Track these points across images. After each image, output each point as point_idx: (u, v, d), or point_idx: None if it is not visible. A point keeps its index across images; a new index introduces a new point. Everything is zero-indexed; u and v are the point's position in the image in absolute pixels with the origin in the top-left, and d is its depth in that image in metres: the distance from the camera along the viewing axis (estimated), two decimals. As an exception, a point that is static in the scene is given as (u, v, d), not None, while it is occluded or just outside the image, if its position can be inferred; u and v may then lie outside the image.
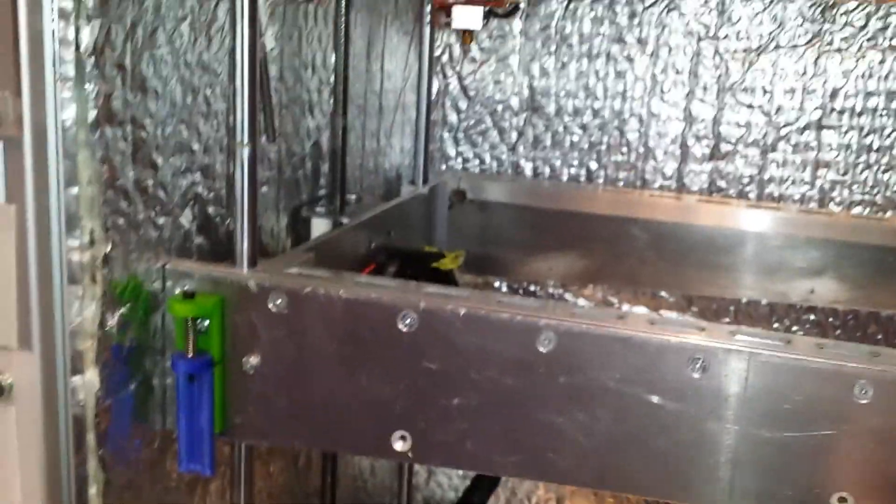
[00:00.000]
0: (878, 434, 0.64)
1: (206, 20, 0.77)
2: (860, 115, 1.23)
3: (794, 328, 1.32)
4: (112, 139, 0.68)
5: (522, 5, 1.29)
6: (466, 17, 0.87)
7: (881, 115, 1.22)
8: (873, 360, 0.64)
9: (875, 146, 1.23)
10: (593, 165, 1.34)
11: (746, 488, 0.68)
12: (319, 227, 0.97)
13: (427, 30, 1.16)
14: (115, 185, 0.69)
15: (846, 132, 1.24)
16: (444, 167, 1.38)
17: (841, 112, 1.23)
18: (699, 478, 0.68)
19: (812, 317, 1.31)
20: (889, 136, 1.22)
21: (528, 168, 1.37)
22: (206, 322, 0.74)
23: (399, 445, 0.74)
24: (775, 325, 1.33)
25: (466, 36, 1.05)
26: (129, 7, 0.68)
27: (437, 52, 1.34)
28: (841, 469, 0.65)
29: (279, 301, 0.74)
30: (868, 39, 1.21)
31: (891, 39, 1.20)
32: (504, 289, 1.42)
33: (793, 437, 0.66)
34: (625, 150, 1.32)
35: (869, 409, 0.63)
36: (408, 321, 0.71)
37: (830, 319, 1.31)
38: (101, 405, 0.71)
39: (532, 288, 1.41)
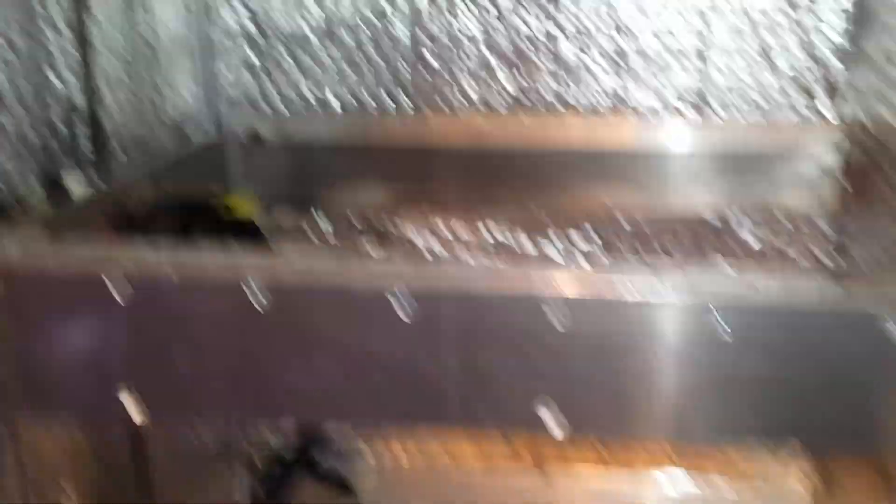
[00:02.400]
0: (568, 342, 0.65)
1: None
2: (648, 16, 1.22)
3: (606, 236, 1.34)
4: None
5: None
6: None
7: (670, 15, 1.22)
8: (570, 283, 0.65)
9: (667, 47, 1.23)
10: (397, 92, 1.31)
11: (464, 401, 0.69)
12: (77, 192, 0.94)
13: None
14: None
15: (637, 35, 1.23)
16: (245, 106, 1.34)
17: (630, 15, 1.23)
18: (420, 409, 0.70)
19: (623, 223, 1.33)
20: (677, 35, 1.22)
21: (332, 100, 1.33)
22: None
23: (131, 408, 0.73)
24: (591, 236, 1.34)
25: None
26: None
27: (224, -12, 1.29)
28: (540, 377, 0.67)
29: (-7, 283, 0.71)
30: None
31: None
32: (323, 223, 1.40)
33: (492, 354, 0.67)
34: (426, 73, 1.30)
35: (559, 330, 0.65)
36: (123, 288, 0.70)
37: (642, 226, 1.33)
38: None
39: (352, 219, 1.40)
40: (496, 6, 1.25)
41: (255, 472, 1.40)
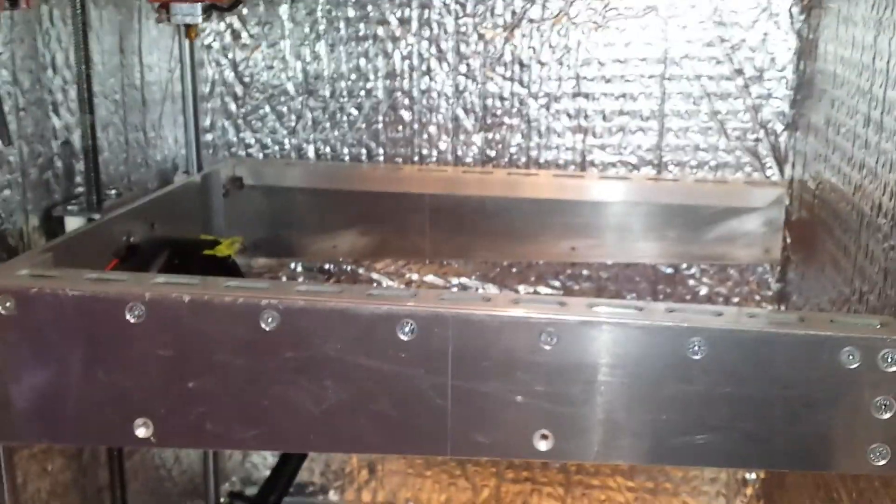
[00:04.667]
0: (565, 376, 0.71)
1: None
2: (609, 81, 1.32)
3: (570, 283, 1.42)
4: None
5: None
6: (185, 12, 0.89)
7: (629, 81, 1.32)
8: (561, 310, 0.71)
9: (626, 110, 1.33)
10: (372, 144, 1.38)
11: (464, 436, 0.74)
12: (73, 225, 0.98)
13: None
14: None
15: (598, 98, 1.33)
16: (226, 154, 1.40)
17: (592, 80, 1.32)
18: (421, 433, 0.74)
19: (586, 272, 1.41)
20: (636, 99, 1.32)
21: (310, 150, 1.40)
22: (-66, 331, 0.74)
23: (141, 432, 0.76)
24: (553, 283, 1.42)
25: (191, 31, 1.06)
26: None
27: (208, 41, 1.35)
28: (539, 410, 0.72)
29: (8, 304, 0.74)
30: (608, 10, 1.30)
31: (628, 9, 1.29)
32: (299, 269, 1.45)
33: (496, 386, 0.72)
34: (400, 127, 1.37)
35: (552, 352, 0.71)
36: (136, 312, 0.74)
37: (601, 274, 1.41)
38: None
39: (327, 266, 1.45)
40: (467, 65, 1.34)
41: (220, 511, 1.42)
